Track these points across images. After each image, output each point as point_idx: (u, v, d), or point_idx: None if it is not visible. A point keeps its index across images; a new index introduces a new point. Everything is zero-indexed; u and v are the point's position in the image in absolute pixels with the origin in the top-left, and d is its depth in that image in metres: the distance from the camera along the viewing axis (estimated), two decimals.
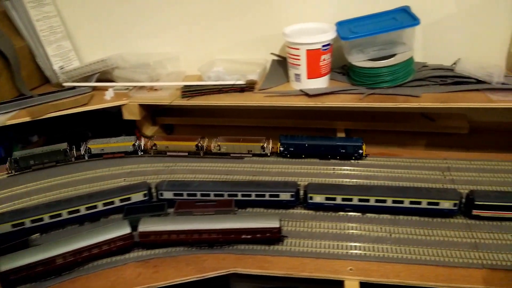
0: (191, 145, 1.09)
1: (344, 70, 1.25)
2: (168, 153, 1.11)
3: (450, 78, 1.14)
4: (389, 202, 0.85)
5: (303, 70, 1.15)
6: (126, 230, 0.77)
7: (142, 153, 1.12)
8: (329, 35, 1.12)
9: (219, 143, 1.09)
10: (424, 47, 1.26)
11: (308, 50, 1.11)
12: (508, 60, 1.25)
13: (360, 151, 1.05)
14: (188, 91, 1.21)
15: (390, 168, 1.03)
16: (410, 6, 1.17)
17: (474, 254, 0.76)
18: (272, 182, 0.92)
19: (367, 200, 0.86)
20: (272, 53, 1.34)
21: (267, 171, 1.04)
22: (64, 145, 1.11)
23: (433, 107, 1.06)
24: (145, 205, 0.87)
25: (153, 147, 1.11)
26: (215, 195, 0.89)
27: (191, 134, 1.21)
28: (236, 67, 1.33)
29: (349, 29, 1.14)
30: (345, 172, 1.02)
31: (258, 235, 0.78)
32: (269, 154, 1.09)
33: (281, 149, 1.07)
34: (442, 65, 1.22)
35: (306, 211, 0.90)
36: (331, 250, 0.79)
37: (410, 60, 1.14)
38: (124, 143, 1.11)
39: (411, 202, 0.84)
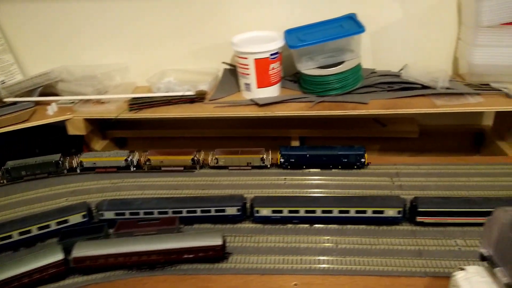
0: (186, 159, 1.05)
1: (296, 78, 1.25)
2: (162, 168, 1.06)
3: (397, 84, 1.15)
4: (335, 212, 0.84)
5: (252, 79, 1.14)
6: (59, 256, 0.72)
7: (134, 168, 1.07)
8: (277, 43, 1.11)
9: (216, 156, 1.04)
10: (373, 53, 1.28)
11: (256, 59, 1.10)
12: (454, 64, 1.28)
13: (363, 160, 1.02)
14: (136, 104, 1.17)
15: (343, 176, 1.03)
16: (356, 14, 1.18)
17: (418, 262, 0.76)
18: (218, 197, 0.89)
19: (314, 212, 0.85)
20: (223, 62, 1.32)
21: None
22: (56, 157, 1.07)
23: (380, 113, 1.07)
24: (82, 228, 0.82)
25: (147, 162, 1.06)
26: (159, 213, 0.86)
27: (144, 147, 1.17)
28: (187, 77, 1.30)
29: (297, 37, 1.14)
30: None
31: (200, 253, 0.76)
32: (269, 166, 1.04)
33: (282, 160, 1.03)
34: (390, 71, 1.23)
35: (253, 225, 0.88)
36: (276, 265, 0.77)
37: (358, 67, 1.14)
38: (116, 157, 1.06)
39: (357, 211, 0.84)
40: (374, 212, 0.83)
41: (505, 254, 0.44)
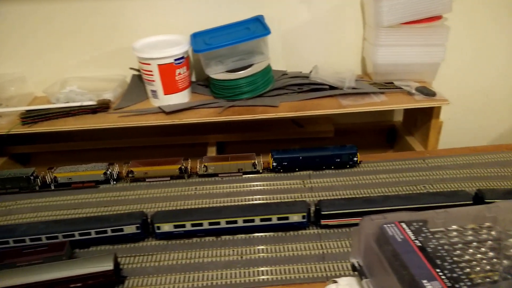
0: (173, 168, 0.98)
1: (208, 83, 1.21)
2: (147, 180, 0.99)
3: (306, 86, 1.15)
4: (240, 222, 0.82)
5: (158, 86, 1.08)
6: None
7: (115, 182, 0.99)
8: (182, 48, 1.07)
9: (205, 163, 0.98)
10: (284, 55, 1.27)
11: (160, 65, 1.05)
12: (362, 64, 1.31)
13: (355, 159, 1.01)
14: (29, 117, 1.07)
15: (259, 181, 1.01)
16: (263, 16, 1.17)
17: (320, 267, 0.75)
18: (115, 216, 0.83)
19: (218, 223, 0.81)
20: (131, 68, 1.25)
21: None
22: (29, 171, 0.97)
23: (289, 116, 1.06)
24: None
25: (130, 175, 0.98)
26: (48, 238, 0.78)
27: (51, 162, 1.07)
28: (92, 85, 1.22)
29: (203, 41, 1.10)
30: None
31: (89, 281, 0.69)
32: (261, 171, 1.00)
33: (274, 164, 0.99)
34: (301, 72, 1.24)
35: (156, 243, 0.83)
36: (176, 285, 0.73)
37: (267, 69, 1.13)
38: (94, 171, 0.98)
39: (262, 220, 0.82)
40: (279, 218, 0.82)
41: (371, 264, 0.43)
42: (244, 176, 1.00)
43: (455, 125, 1.43)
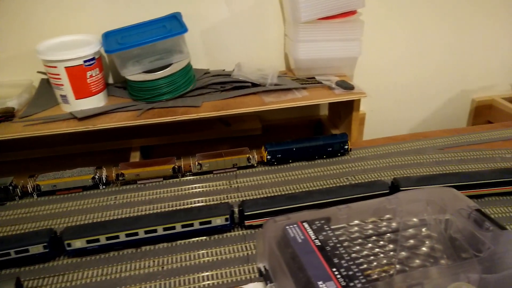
0: (167, 168, 0.95)
1: (125, 85, 1.15)
2: (138, 182, 0.94)
3: (229, 84, 1.13)
4: (160, 231, 0.78)
5: (68, 90, 1.00)
6: None
7: (104, 186, 0.93)
8: (91, 48, 0.99)
9: (200, 161, 0.95)
10: (206, 53, 1.24)
11: (67, 68, 0.97)
12: (286, 60, 1.31)
13: (346, 147, 1.02)
14: None
15: (178, 186, 0.97)
16: (181, 13, 1.13)
17: (244, 269, 0.74)
18: (18, 235, 0.75)
19: (136, 234, 0.77)
20: (39, 72, 1.15)
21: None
22: (8, 180, 0.89)
23: (211, 116, 1.04)
24: None
25: (120, 178, 0.92)
26: None
27: None
28: None
29: (115, 40, 1.04)
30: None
31: None
32: (255, 165, 0.99)
33: (269, 157, 0.99)
34: (224, 70, 1.21)
35: (68, 261, 0.76)
36: None
37: (187, 68, 1.09)
38: (81, 176, 0.92)
39: (184, 226, 0.78)
40: (202, 223, 0.79)
41: (275, 269, 0.42)
42: (239, 171, 0.99)
43: (378, 116, 1.49)
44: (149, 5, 1.15)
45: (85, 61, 0.98)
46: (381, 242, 0.41)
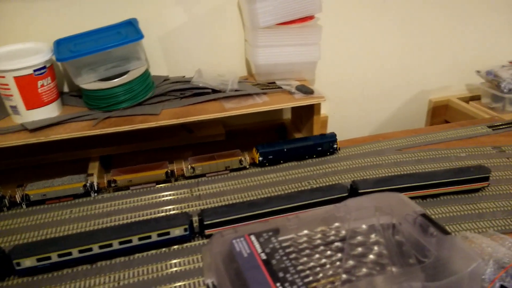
0: (159, 173, 0.94)
1: (81, 93, 1.11)
2: (131, 188, 0.94)
3: (189, 91, 1.12)
4: (116, 245, 0.75)
5: (18, 100, 0.96)
6: None
7: (96, 194, 0.92)
8: (42, 57, 0.96)
9: (192, 165, 0.96)
10: (165, 59, 1.22)
11: (16, 77, 0.93)
12: (247, 66, 1.31)
13: (335, 146, 1.05)
14: None
15: (143, 195, 0.94)
16: (137, 19, 1.11)
17: (202, 281, 0.73)
18: None
19: (90, 249, 0.74)
20: None
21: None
22: None
23: (171, 123, 1.02)
24: None
25: (112, 184, 0.92)
26: None
27: None
28: None
29: (67, 48, 1.00)
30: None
31: None
32: (247, 167, 1.01)
33: (260, 158, 1.00)
34: (184, 77, 1.20)
35: (19, 280, 0.73)
36: None
37: (145, 75, 1.07)
38: (72, 184, 0.90)
39: (141, 238, 0.76)
40: (160, 235, 0.77)
41: (221, 286, 0.41)
42: (231, 173, 1.00)
43: (340, 118, 1.51)
44: (104, 11, 1.12)
45: (35, 70, 0.94)
46: (329, 252, 0.41)
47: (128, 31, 1.05)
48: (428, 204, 0.89)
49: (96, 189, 0.93)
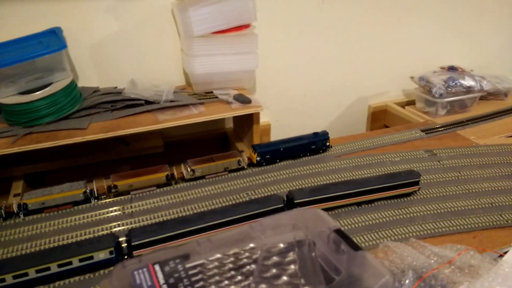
0: (160, 176, 0.96)
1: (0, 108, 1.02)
2: (132, 192, 0.94)
3: (120, 102, 1.06)
4: (32, 274, 0.69)
5: None
6: None
7: (96, 200, 0.91)
8: None
9: (192, 167, 0.98)
10: (95, 70, 1.16)
11: None
12: (185, 75, 1.28)
13: (328, 143, 1.12)
14: None
15: (61, 218, 0.88)
16: (61, 28, 1.04)
17: None
18: None
19: (3, 280, 0.67)
20: None
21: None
22: None
23: (99, 138, 0.96)
24: None
25: (113, 190, 0.91)
26: None
27: None
28: None
29: None
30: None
31: None
32: (245, 167, 1.04)
33: (258, 158, 1.04)
34: (116, 88, 1.14)
35: None
36: None
37: (71, 87, 1.00)
38: (72, 192, 0.90)
39: (60, 265, 0.70)
40: (82, 259, 0.71)
41: None
42: (230, 174, 1.02)
43: (283, 126, 1.51)
44: (27, 20, 1.04)
45: None
46: (239, 277, 0.38)
47: (50, 41, 0.98)
48: (363, 211, 0.89)
49: (96, 195, 0.92)
